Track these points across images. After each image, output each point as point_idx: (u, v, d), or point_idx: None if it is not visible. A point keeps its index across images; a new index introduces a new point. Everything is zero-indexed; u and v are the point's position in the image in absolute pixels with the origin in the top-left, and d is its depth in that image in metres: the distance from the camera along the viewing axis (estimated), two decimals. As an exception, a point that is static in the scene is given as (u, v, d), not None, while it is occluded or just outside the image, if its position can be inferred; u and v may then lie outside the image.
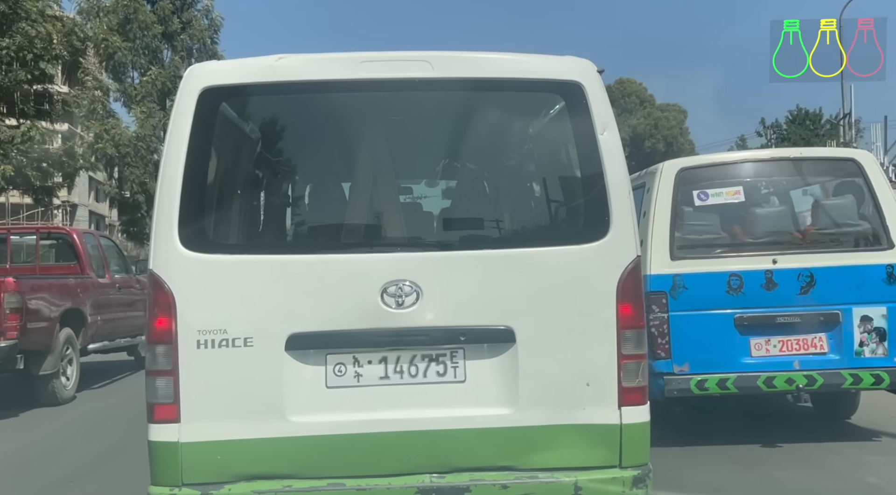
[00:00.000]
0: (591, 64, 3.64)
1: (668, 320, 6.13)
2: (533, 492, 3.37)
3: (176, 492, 3.37)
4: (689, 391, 6.09)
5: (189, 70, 3.62)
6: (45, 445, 7.42)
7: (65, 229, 13.01)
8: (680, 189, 6.40)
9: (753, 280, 6.12)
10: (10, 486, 5.93)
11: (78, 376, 10.00)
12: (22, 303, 8.65)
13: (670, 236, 6.28)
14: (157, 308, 3.41)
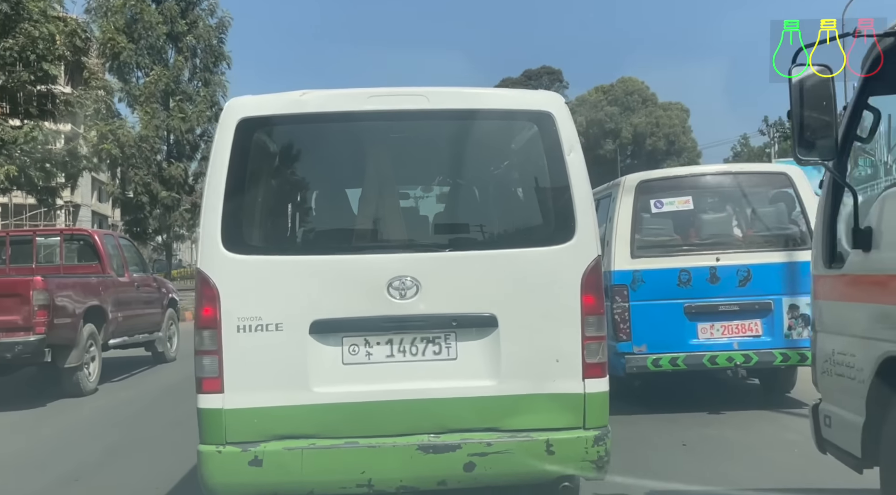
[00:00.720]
0: (560, 97, 4.54)
1: (629, 309, 7.45)
2: (512, 449, 4.01)
3: (221, 450, 4.02)
4: (646, 367, 7.42)
5: (228, 103, 4.40)
6: (74, 432, 8.08)
7: (87, 231, 13.57)
8: (639, 198, 7.70)
9: (700, 274, 7.43)
10: (48, 466, 6.60)
11: (100, 369, 10.62)
12: (49, 300, 9.31)
13: (631, 238, 7.59)
14: (203, 299, 4.11)
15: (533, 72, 67.54)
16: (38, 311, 9.22)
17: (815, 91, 3.42)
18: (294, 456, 4.01)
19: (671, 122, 60.60)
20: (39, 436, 7.93)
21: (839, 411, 3.74)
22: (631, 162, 59.87)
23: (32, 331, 9.20)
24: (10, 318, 9.20)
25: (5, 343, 9.15)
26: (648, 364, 7.40)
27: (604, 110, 59.30)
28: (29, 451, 7.29)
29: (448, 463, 4.02)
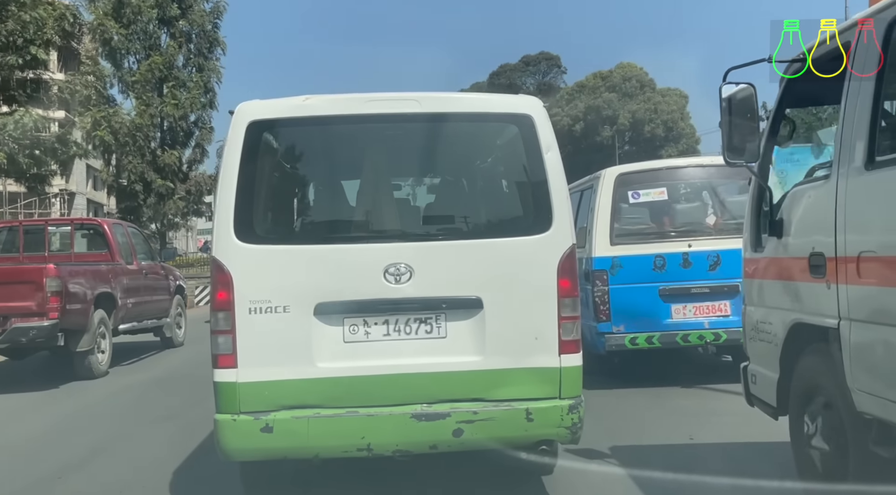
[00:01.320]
0: (539, 100, 4.90)
1: (609, 292, 8.19)
2: (496, 417, 4.45)
3: (236, 418, 4.46)
4: (624, 346, 8.18)
5: (239, 107, 4.74)
6: (89, 412, 8.51)
7: (97, 220, 14.04)
8: (618, 190, 8.42)
9: (673, 260, 8.15)
10: (71, 442, 7.03)
11: (111, 353, 11.10)
12: (62, 286, 9.76)
13: (610, 226, 8.31)
14: (218, 284, 4.53)
15: (531, 57, 67.02)
16: (52, 297, 9.70)
17: (742, 104, 4.15)
18: (301, 424, 4.46)
19: (669, 108, 59.77)
20: (56, 415, 8.47)
21: (761, 370, 4.52)
22: (629, 148, 59.04)
23: (46, 316, 9.70)
24: (24, 304, 9.71)
25: (20, 327, 9.66)
26: (626, 342, 8.18)
27: (602, 97, 58.65)
28: (48, 429, 7.75)
29: (438, 429, 4.48)
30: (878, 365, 3.41)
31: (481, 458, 5.06)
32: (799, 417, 4.16)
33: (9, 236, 13.10)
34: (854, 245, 3.52)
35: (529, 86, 65.80)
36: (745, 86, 4.15)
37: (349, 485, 5.39)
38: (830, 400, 3.84)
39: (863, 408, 3.52)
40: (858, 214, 3.54)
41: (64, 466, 6.24)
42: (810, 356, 3.99)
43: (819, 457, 3.97)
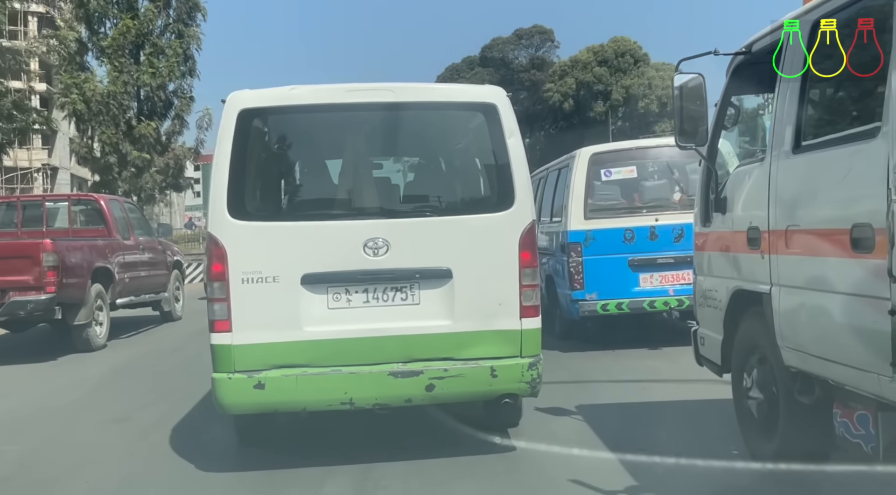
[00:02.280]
0: (503, 90, 5.37)
1: (583, 262, 8.74)
2: (464, 374, 4.92)
3: (231, 377, 4.89)
4: (596, 311, 8.75)
5: (230, 96, 5.10)
6: (88, 385, 8.57)
7: (93, 196, 14.02)
8: (592, 168, 8.94)
9: (641, 233, 8.69)
10: (77, 416, 7.06)
11: (108, 326, 11.24)
12: (59, 261, 9.88)
13: (584, 202, 8.82)
14: (214, 258, 4.92)
15: (524, 31, 65.44)
16: (49, 272, 9.89)
17: (692, 92, 4.56)
18: (290, 381, 4.89)
19: (664, 84, 56.74)
20: (58, 384, 8.76)
21: (708, 333, 4.97)
22: (623, 124, 57.65)
23: (43, 290, 9.88)
24: (22, 278, 9.88)
25: (19, 301, 9.85)
26: (598, 308, 8.76)
27: (594, 71, 57.08)
28: (52, 396, 8.05)
29: (413, 385, 4.93)
30: (800, 324, 3.86)
31: (454, 412, 5.53)
32: (739, 373, 4.62)
33: (7, 212, 13.15)
34: (783, 219, 3.95)
35: (522, 59, 64.58)
36: (696, 75, 4.54)
37: (335, 441, 5.83)
38: (764, 357, 4.30)
39: (789, 363, 3.98)
40: (787, 192, 3.97)
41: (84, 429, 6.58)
42: (749, 319, 4.45)
43: (755, 407, 4.44)
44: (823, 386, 3.82)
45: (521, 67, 62.59)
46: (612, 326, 9.41)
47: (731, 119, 4.95)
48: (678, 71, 4.56)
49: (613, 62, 57.55)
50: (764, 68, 4.27)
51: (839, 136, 3.63)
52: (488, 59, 62.72)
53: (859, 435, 3.62)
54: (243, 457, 5.47)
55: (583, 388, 7.07)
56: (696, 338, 5.24)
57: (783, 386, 4.12)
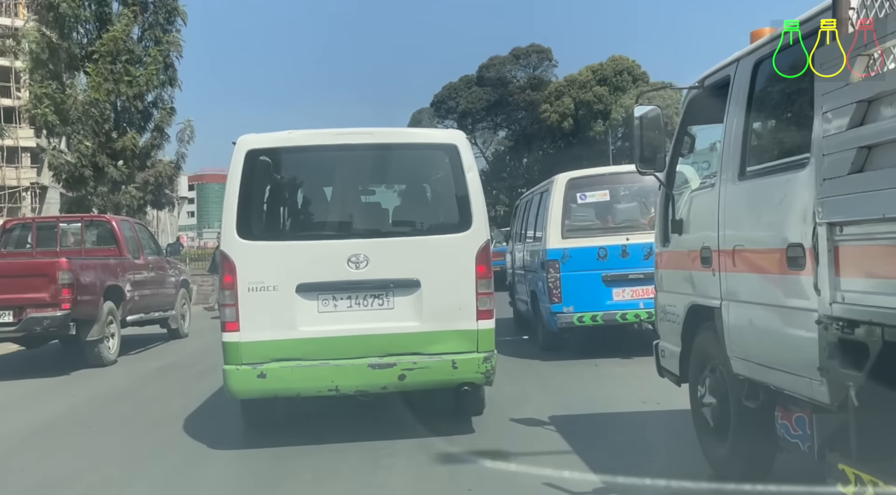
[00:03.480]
0: (463, 133, 6.35)
1: (560, 278, 9.04)
2: (430, 366, 5.71)
3: (238, 368, 5.69)
4: (572, 323, 9.05)
5: (240, 139, 5.97)
6: (102, 399, 8.64)
7: (105, 217, 14.13)
8: (568, 192, 9.30)
9: (614, 251, 8.95)
10: (96, 425, 7.18)
11: (119, 343, 11.30)
12: (73, 279, 10.00)
13: (562, 223, 9.15)
14: (226, 270, 5.81)
15: (521, 50, 62.93)
16: (64, 289, 9.95)
17: (651, 122, 4.75)
18: (287, 372, 5.67)
19: (664, 103, 56.14)
20: (81, 397, 8.81)
21: (668, 345, 5.13)
22: (623, 144, 56.02)
23: (59, 306, 9.96)
24: (39, 296, 9.94)
25: (36, 317, 9.91)
26: (574, 320, 9.06)
27: (592, 91, 54.24)
28: (74, 409, 8.14)
29: (388, 375, 5.70)
30: (745, 335, 4.03)
31: (428, 401, 6.35)
32: (695, 382, 4.78)
33: (22, 232, 13.20)
34: (730, 240, 4.13)
35: (520, 79, 62.15)
36: (654, 107, 4.74)
37: (326, 424, 6.58)
38: (716, 367, 4.46)
39: (737, 371, 4.14)
40: (733, 215, 4.15)
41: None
42: (703, 332, 4.61)
43: (709, 412, 4.59)
44: (766, 391, 3.98)
45: (518, 87, 60.93)
46: (591, 337, 9.67)
47: (688, 147, 5.12)
48: (638, 103, 4.74)
49: (612, 81, 55.09)
50: (715, 101, 4.45)
51: (776, 166, 3.82)
52: (485, 78, 61.04)
53: (797, 436, 3.77)
54: (248, 440, 6.19)
55: (559, 395, 7.35)
56: (657, 351, 5.40)
57: (732, 392, 4.28)
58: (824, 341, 3.24)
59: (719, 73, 4.50)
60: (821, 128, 3.24)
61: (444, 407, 6.48)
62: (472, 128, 61.20)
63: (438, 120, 61.81)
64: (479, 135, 62.50)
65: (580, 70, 56.49)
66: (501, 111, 60.70)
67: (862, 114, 3.11)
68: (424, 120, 61.04)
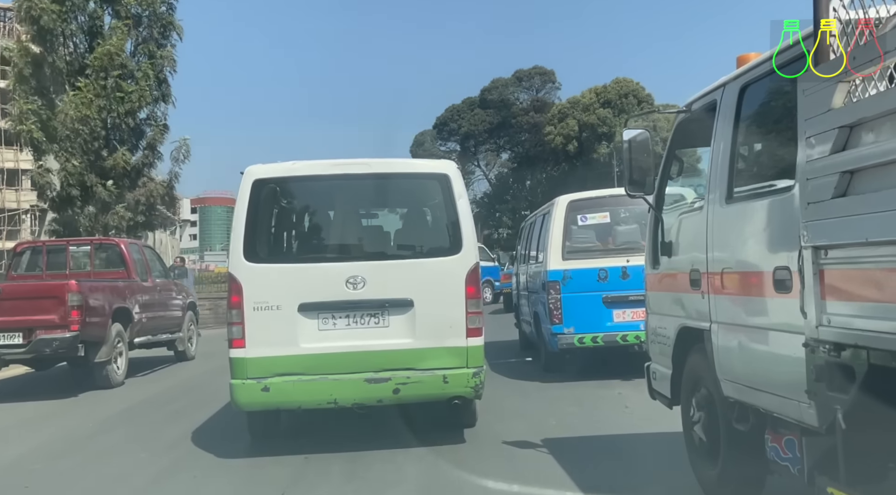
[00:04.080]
0: (454, 163, 6.73)
1: (561, 299, 9.02)
2: (423, 380, 6.02)
3: (244, 382, 6.03)
4: (573, 344, 9.02)
5: (247, 170, 6.32)
6: (113, 417, 8.76)
7: (114, 240, 14.20)
8: (569, 214, 9.33)
9: (614, 272, 8.93)
10: (105, 448, 7.21)
11: (126, 364, 11.34)
12: (83, 301, 10.08)
13: (562, 244, 9.16)
14: (232, 291, 6.13)
15: (524, 72, 62.23)
16: (73, 311, 10.05)
17: (640, 146, 4.76)
18: (289, 385, 6.02)
19: (669, 125, 55.61)
20: (87, 418, 8.87)
21: (659, 367, 5.11)
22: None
23: (68, 328, 10.04)
24: (48, 317, 10.03)
25: (45, 339, 9.98)
26: (575, 341, 9.03)
27: (596, 113, 52.97)
28: (81, 429, 8.21)
29: (383, 389, 6.03)
30: (735, 358, 4.02)
31: (423, 414, 6.68)
32: (687, 405, 4.76)
33: (32, 256, 13.31)
34: (718, 263, 4.13)
35: (523, 101, 61.39)
36: (642, 131, 4.76)
37: (327, 435, 6.89)
38: (707, 389, 4.43)
39: (727, 393, 4.12)
40: (721, 238, 4.16)
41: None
42: (693, 354, 4.61)
43: (700, 435, 4.57)
44: (756, 413, 3.97)
45: (521, 109, 60.24)
46: (593, 358, 9.64)
47: (676, 170, 5.13)
48: (626, 126, 4.77)
49: (617, 103, 53.57)
50: (703, 125, 4.46)
51: (763, 189, 3.81)
52: (488, 100, 60.28)
53: (787, 459, 3.74)
54: (255, 449, 6.56)
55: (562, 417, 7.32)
56: (648, 373, 5.39)
57: (723, 415, 4.26)
58: (811, 364, 3.24)
59: (706, 98, 4.52)
60: (804, 152, 3.25)
61: (438, 420, 6.80)
62: (474, 151, 61.18)
63: (441, 142, 61.70)
64: (483, 158, 62.21)
65: (583, 92, 55.74)
66: (504, 133, 60.23)
67: (844, 139, 3.12)
68: (427, 142, 61.07)
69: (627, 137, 4.78)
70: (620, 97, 54.29)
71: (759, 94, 3.97)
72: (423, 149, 60.34)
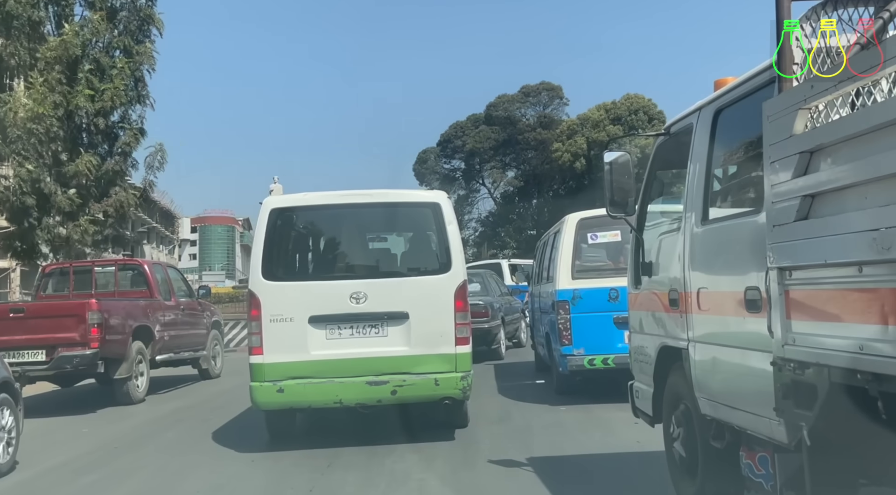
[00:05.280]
0: (445, 193, 7.79)
1: (570, 319, 9.08)
2: (417, 383, 6.98)
3: (262, 384, 7.00)
4: (583, 366, 9.04)
5: (265, 200, 7.41)
6: (133, 435, 9.10)
7: (138, 261, 14.89)
8: (579, 233, 9.41)
9: (626, 292, 8.84)
10: (129, 458, 7.70)
11: (147, 382, 11.83)
12: (102, 319, 10.62)
13: (572, 264, 9.25)
14: (252, 305, 7.16)
15: (531, 88, 61.06)
16: (93, 329, 10.55)
17: (621, 168, 4.95)
18: (300, 387, 6.97)
19: None
20: (115, 431, 9.37)
21: (641, 386, 5.27)
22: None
23: (88, 346, 10.52)
24: (69, 335, 10.55)
25: (66, 356, 10.51)
26: (585, 363, 9.05)
27: (606, 130, 51.42)
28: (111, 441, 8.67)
29: (382, 390, 6.99)
30: (710, 376, 4.19)
31: (421, 414, 7.71)
32: (667, 422, 4.93)
33: (60, 277, 13.90)
34: (695, 282, 4.30)
35: (529, 117, 60.12)
36: (623, 153, 4.95)
37: (336, 434, 7.81)
38: (686, 407, 4.59)
39: (704, 411, 4.28)
40: (697, 259, 4.33)
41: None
42: (673, 372, 4.78)
43: (680, 452, 4.73)
44: (731, 431, 4.13)
45: (528, 125, 59.07)
46: (606, 380, 9.51)
47: (657, 191, 5.30)
48: (609, 149, 4.94)
49: (627, 120, 52.21)
50: (681, 147, 4.64)
51: (735, 212, 3.99)
52: (494, 116, 59.19)
53: (761, 475, 3.89)
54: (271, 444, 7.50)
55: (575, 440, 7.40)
56: (632, 392, 5.52)
57: (700, 432, 4.41)
58: (779, 382, 3.43)
59: (683, 121, 4.72)
60: (769, 177, 3.43)
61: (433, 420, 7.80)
62: (479, 169, 60.70)
63: (445, 160, 61.19)
64: (488, 176, 61.60)
65: (592, 109, 54.79)
66: (510, 150, 59.69)
67: (805, 164, 3.28)
68: (430, 159, 60.82)
69: (609, 159, 4.99)
70: (630, 113, 52.98)
71: (733, 118, 4.15)
72: (426, 167, 60.45)
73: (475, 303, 15.21)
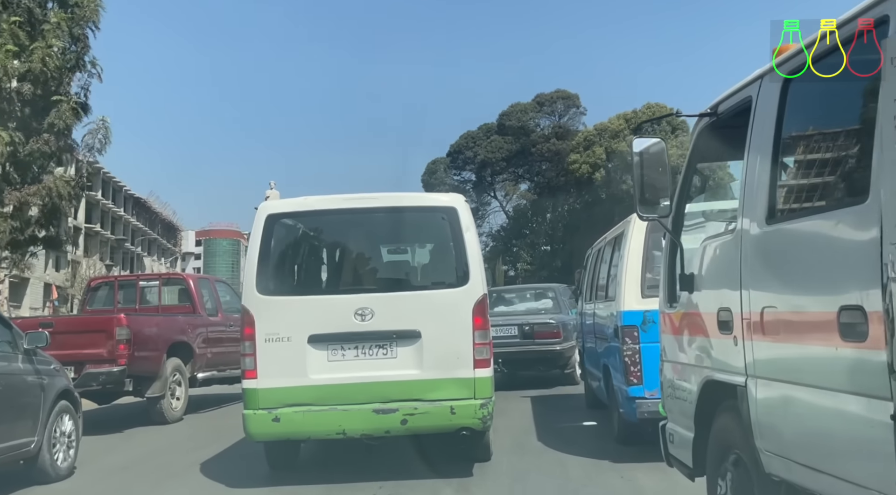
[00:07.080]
0: (462, 196, 6.50)
1: (640, 350, 6.31)
2: (430, 411, 5.76)
3: (256, 412, 5.85)
4: (657, 413, 5.77)
5: (261, 206, 6.31)
6: (166, 453, 8.11)
7: (182, 275, 14.04)
8: (650, 236, 6.48)
9: None
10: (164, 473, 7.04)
11: (186, 400, 10.63)
12: (131, 335, 9.50)
13: (642, 277, 6.47)
14: (245, 323, 6.09)
15: (546, 96, 53.02)
16: (121, 345, 9.52)
17: (653, 158, 3.57)
18: (298, 416, 5.76)
19: None
20: (148, 448, 8.44)
21: (678, 429, 3.94)
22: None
23: (115, 362, 9.47)
24: (97, 351, 9.60)
25: (92, 373, 9.56)
26: (660, 409, 5.63)
27: (626, 140, 44.38)
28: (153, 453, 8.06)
29: (391, 420, 5.71)
30: (782, 425, 2.98)
31: (437, 445, 6.17)
32: (713, 478, 3.74)
33: (109, 291, 12.89)
34: (757, 300, 3.02)
35: (544, 127, 52.66)
36: (657, 140, 3.60)
37: (341, 466, 6.53)
38: (741, 461, 3.42)
39: (770, 470, 3.04)
40: (760, 268, 3.01)
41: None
42: (723, 415, 3.58)
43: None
44: (811, 501, 2.58)
45: (542, 136, 51.63)
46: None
47: (698, 187, 3.73)
48: (638, 135, 3.39)
49: (648, 130, 43.57)
50: (732, 131, 3.23)
51: (820, 203, 2.51)
52: (506, 126, 52.05)
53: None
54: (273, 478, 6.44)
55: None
56: (664, 434, 4.10)
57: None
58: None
59: (737, 96, 3.23)
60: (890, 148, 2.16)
61: (449, 451, 6.45)
62: (491, 180, 55.04)
63: (455, 171, 55.67)
64: (500, 188, 55.85)
65: (611, 118, 47.98)
66: (524, 162, 53.20)
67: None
68: (440, 171, 55.44)
69: (638, 148, 3.61)
70: (652, 123, 44.28)
71: (814, 83, 2.64)
72: (435, 178, 54.65)
73: (546, 322, 12.39)
